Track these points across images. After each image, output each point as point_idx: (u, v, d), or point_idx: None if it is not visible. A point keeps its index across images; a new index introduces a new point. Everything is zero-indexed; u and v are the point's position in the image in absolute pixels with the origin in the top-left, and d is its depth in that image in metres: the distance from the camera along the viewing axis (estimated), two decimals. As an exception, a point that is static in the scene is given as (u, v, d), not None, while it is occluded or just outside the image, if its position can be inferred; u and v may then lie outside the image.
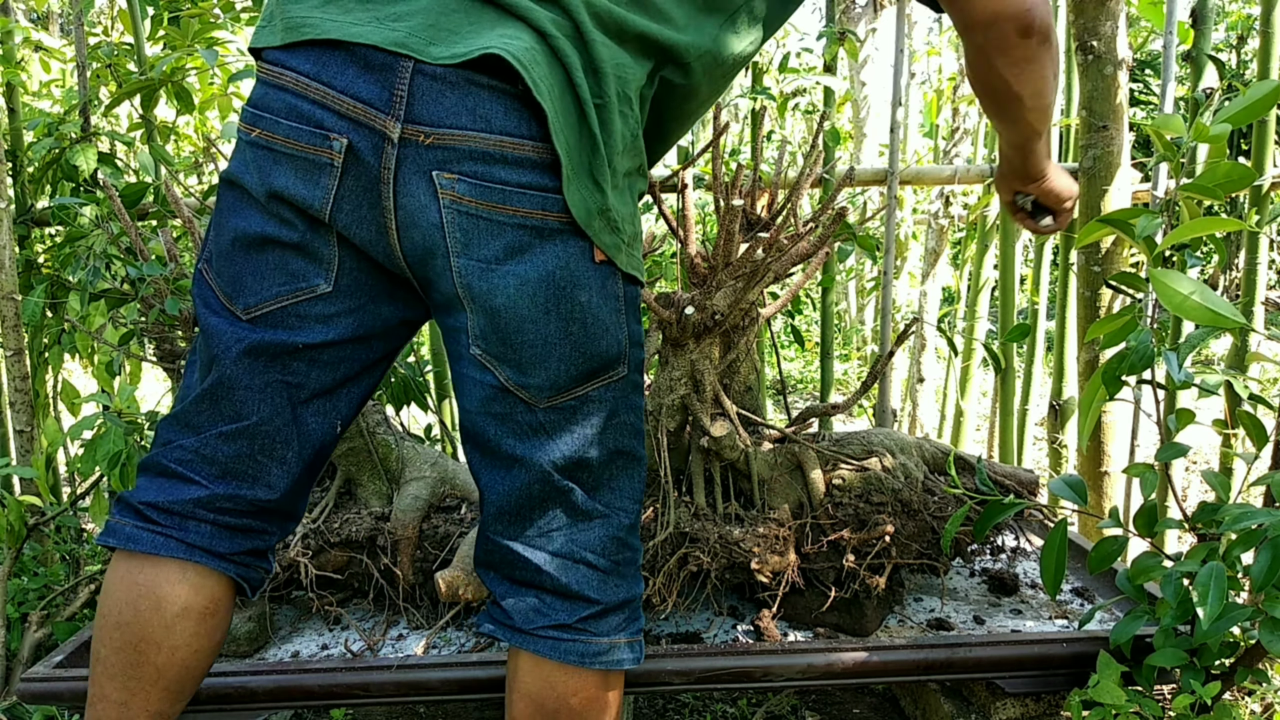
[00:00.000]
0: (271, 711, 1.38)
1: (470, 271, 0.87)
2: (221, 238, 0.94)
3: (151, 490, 0.96)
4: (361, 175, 0.86)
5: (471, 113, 0.82)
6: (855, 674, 1.36)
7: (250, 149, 0.89)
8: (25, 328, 2.12)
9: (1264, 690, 1.67)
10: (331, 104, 0.84)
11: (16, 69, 2.26)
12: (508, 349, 0.90)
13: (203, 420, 0.95)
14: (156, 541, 0.95)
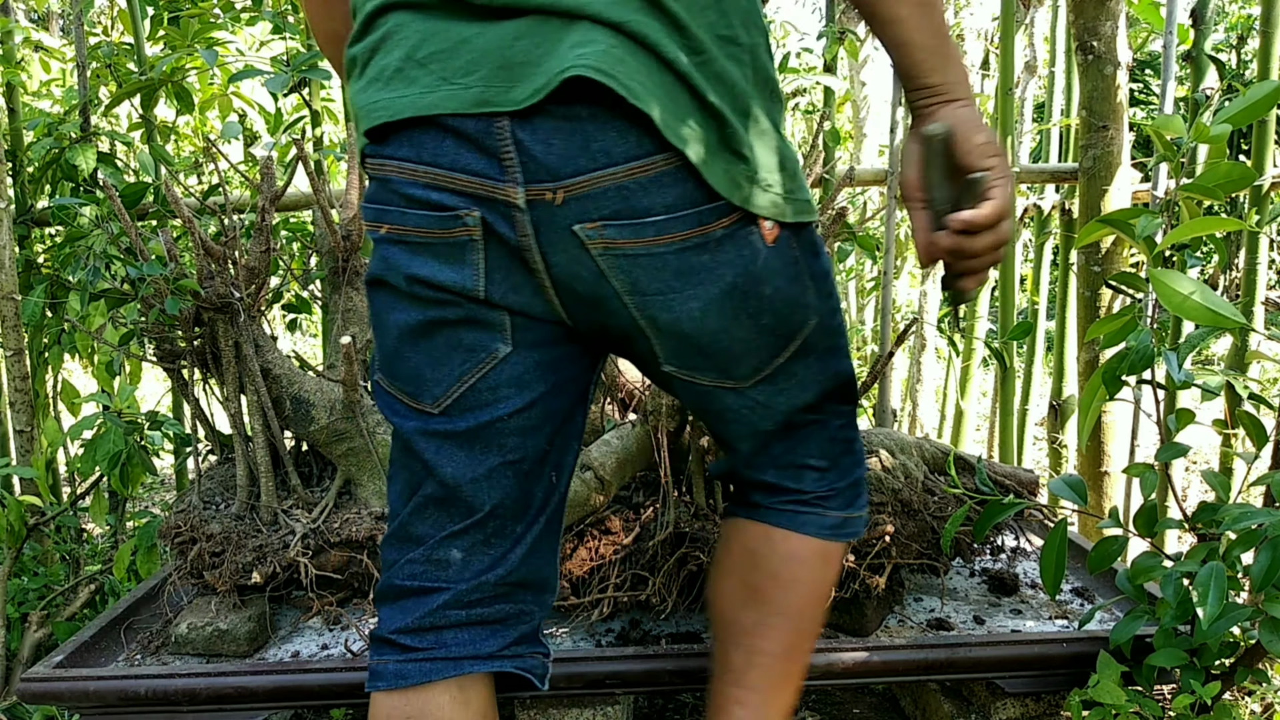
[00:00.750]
0: (271, 711, 1.38)
1: (649, 306, 0.83)
2: (386, 340, 0.88)
3: (397, 615, 0.91)
4: (503, 246, 0.80)
5: (586, 151, 0.75)
6: (855, 674, 1.36)
7: (386, 246, 0.84)
8: (25, 327, 2.12)
9: (1264, 690, 1.67)
10: (445, 184, 0.78)
11: (17, 69, 2.26)
12: (703, 359, 0.88)
13: (427, 529, 0.91)
14: (425, 669, 0.89)
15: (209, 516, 1.51)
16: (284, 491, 1.60)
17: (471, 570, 0.91)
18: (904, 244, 3.70)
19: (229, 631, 1.46)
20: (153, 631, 1.54)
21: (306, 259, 1.98)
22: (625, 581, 1.45)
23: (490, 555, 0.91)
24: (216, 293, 1.46)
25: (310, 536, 1.50)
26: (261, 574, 1.47)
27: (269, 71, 1.95)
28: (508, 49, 0.74)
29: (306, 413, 1.55)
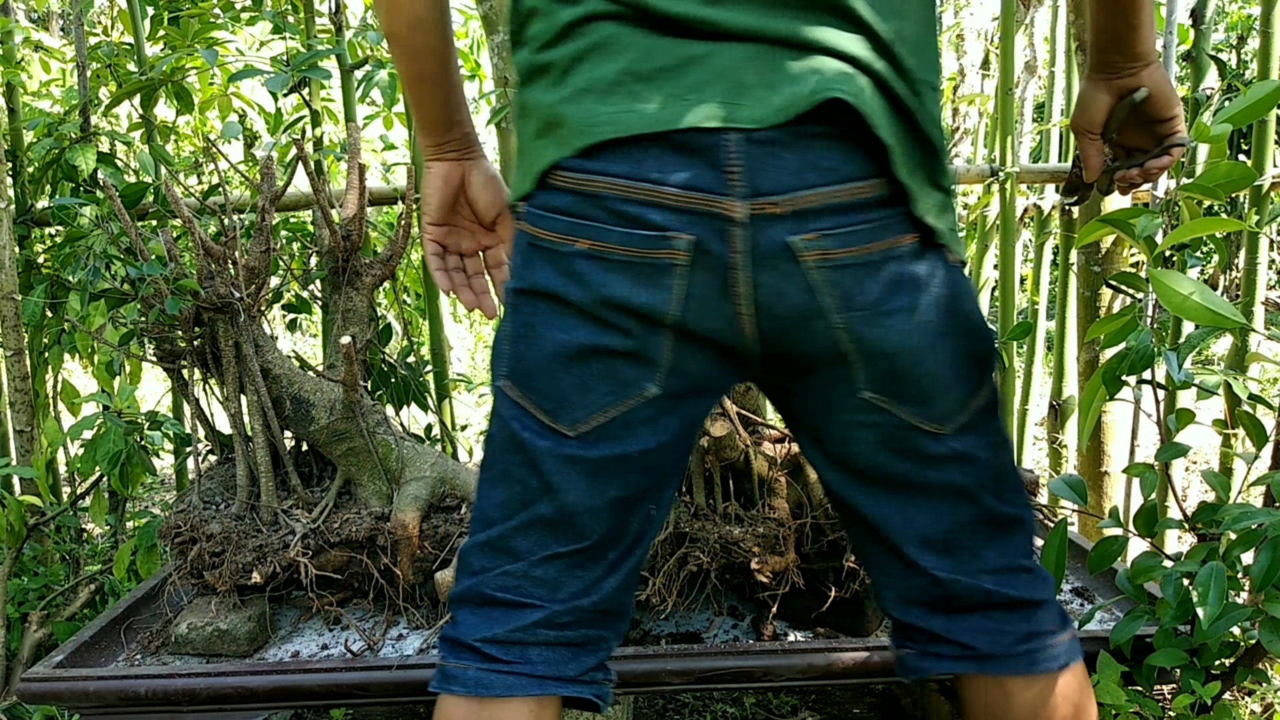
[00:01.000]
0: (271, 711, 1.38)
1: (858, 323, 0.82)
2: (534, 353, 0.86)
3: (483, 624, 0.90)
4: (709, 266, 0.80)
5: (815, 168, 0.77)
6: (855, 674, 1.36)
7: (577, 261, 0.82)
8: (25, 327, 2.13)
9: (1264, 690, 1.67)
10: (662, 201, 0.78)
11: (16, 69, 2.26)
12: (906, 386, 0.85)
13: (530, 545, 0.90)
14: (509, 682, 0.89)
15: (209, 516, 1.52)
16: (284, 491, 1.60)
17: (567, 593, 0.91)
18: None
19: (229, 631, 1.46)
20: (153, 631, 1.54)
21: (306, 259, 1.98)
22: (625, 581, 1.45)
23: (586, 580, 0.91)
24: (216, 293, 1.46)
25: (310, 536, 1.50)
26: (261, 574, 1.47)
27: (269, 71, 1.95)
28: (740, 70, 0.76)
29: (306, 413, 1.55)
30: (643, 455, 0.88)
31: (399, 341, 2.25)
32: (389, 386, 2.03)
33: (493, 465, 0.91)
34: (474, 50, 3.02)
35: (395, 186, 2.33)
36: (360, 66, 2.09)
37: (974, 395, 0.89)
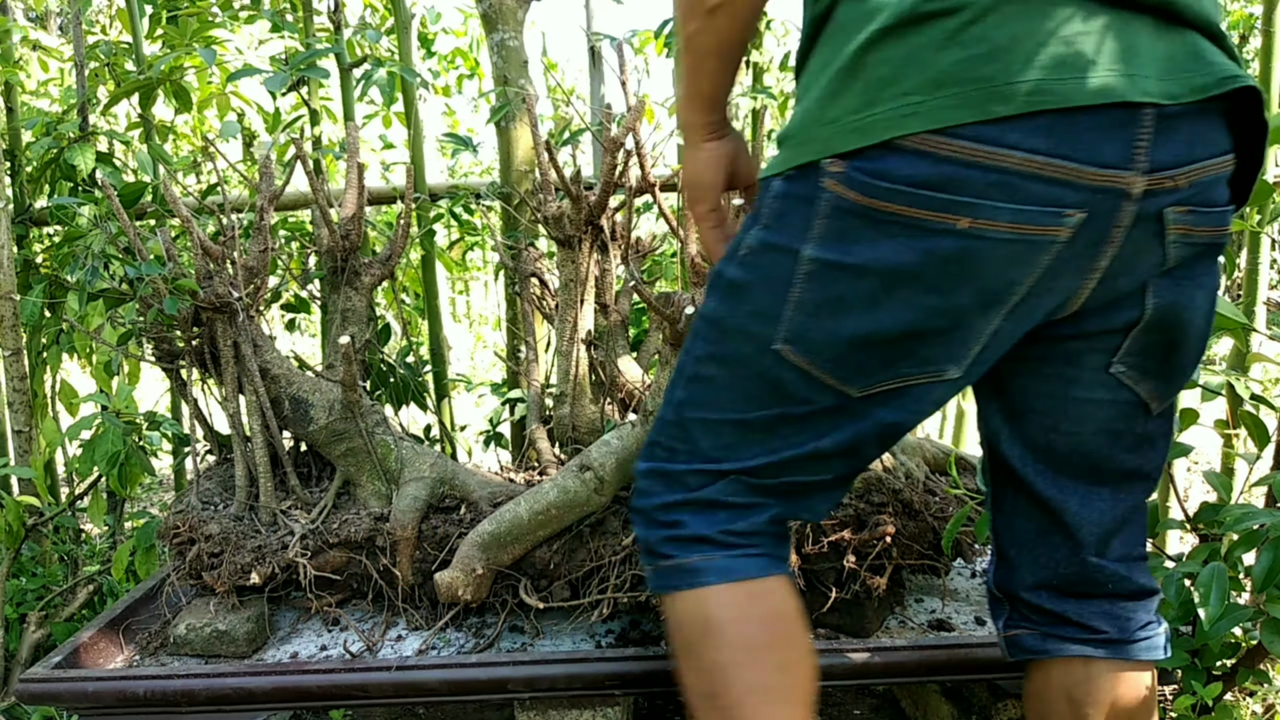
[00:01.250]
0: (270, 712, 1.38)
1: (1172, 292, 0.83)
2: (838, 329, 0.82)
3: (712, 520, 0.93)
4: (1084, 241, 0.77)
5: (1206, 140, 0.76)
6: (856, 675, 1.35)
7: (942, 238, 0.76)
8: (23, 327, 2.12)
9: (1265, 691, 1.67)
10: (1073, 179, 0.73)
11: (15, 68, 2.26)
12: (1165, 363, 0.87)
13: (783, 464, 0.91)
14: (761, 564, 0.91)
15: (207, 517, 1.51)
16: (283, 492, 1.59)
17: (786, 507, 0.95)
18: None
19: (228, 632, 1.46)
20: (151, 632, 1.53)
21: (305, 259, 1.97)
22: (625, 582, 1.45)
23: (804, 497, 0.95)
24: (215, 292, 1.46)
25: (309, 537, 1.50)
26: (260, 575, 1.46)
27: (267, 70, 1.95)
28: (1154, 44, 0.73)
29: (305, 413, 1.55)
30: (907, 423, 0.89)
31: (398, 341, 2.24)
32: (388, 386, 2.02)
33: (723, 409, 0.90)
34: (473, 49, 3.02)
35: (394, 186, 2.32)
36: (359, 65, 2.09)
37: (1188, 377, 0.92)
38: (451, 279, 5.53)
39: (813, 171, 0.79)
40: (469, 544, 1.44)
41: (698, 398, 0.92)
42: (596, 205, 1.63)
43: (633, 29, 2.22)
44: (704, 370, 0.91)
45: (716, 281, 0.90)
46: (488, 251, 3.26)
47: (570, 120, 2.68)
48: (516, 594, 1.49)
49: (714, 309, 0.90)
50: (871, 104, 0.75)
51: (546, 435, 1.77)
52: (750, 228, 0.87)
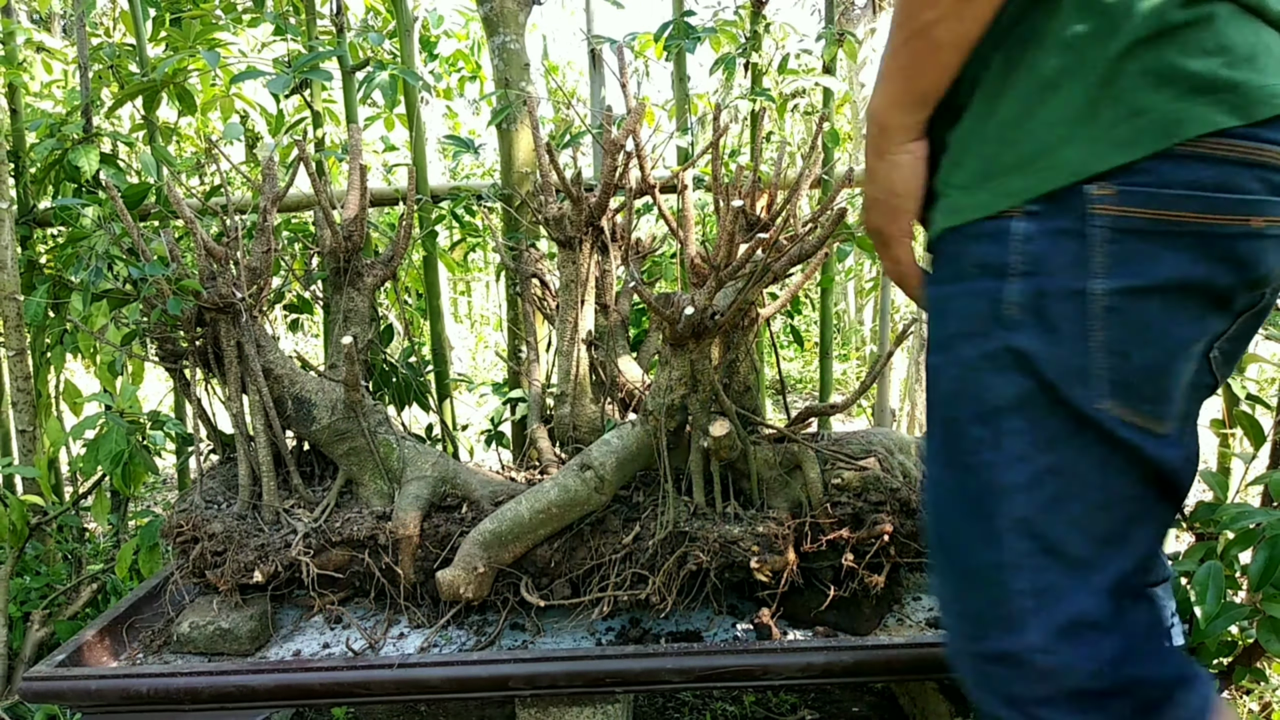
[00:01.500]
0: (273, 710, 1.39)
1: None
2: (1148, 358, 0.75)
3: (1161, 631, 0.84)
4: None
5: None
6: (854, 672, 1.36)
7: (1238, 242, 0.73)
8: (28, 328, 2.13)
9: (1262, 689, 1.67)
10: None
11: (19, 70, 2.27)
12: (1240, 352, 0.84)
13: (1149, 549, 0.82)
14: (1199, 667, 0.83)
15: (211, 516, 1.52)
16: (285, 491, 1.60)
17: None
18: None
19: (231, 630, 1.47)
20: (155, 630, 1.54)
21: (308, 259, 1.98)
22: (625, 580, 1.46)
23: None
24: (218, 293, 1.47)
25: (312, 535, 1.51)
26: (263, 573, 1.47)
27: (271, 73, 1.96)
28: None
29: (308, 412, 1.56)
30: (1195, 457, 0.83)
31: (400, 342, 2.25)
32: (390, 386, 2.03)
33: (1083, 496, 0.78)
34: (475, 52, 3.03)
35: (396, 187, 2.34)
36: (361, 68, 2.10)
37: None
38: (453, 280, 5.53)
39: (1070, 198, 0.73)
40: (470, 542, 1.45)
41: (1046, 500, 0.77)
42: (597, 207, 1.64)
43: (633, 32, 2.23)
44: (1038, 464, 0.77)
45: (994, 361, 0.78)
46: (489, 252, 3.27)
47: (571, 122, 2.69)
48: (518, 592, 1.50)
49: (1017, 390, 0.77)
50: (1135, 115, 0.72)
51: (547, 435, 1.78)
52: (985, 284, 0.77)
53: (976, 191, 0.78)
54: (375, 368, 2.01)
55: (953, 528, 0.83)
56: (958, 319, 0.80)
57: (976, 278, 0.78)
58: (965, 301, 0.79)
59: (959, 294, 0.80)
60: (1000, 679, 0.80)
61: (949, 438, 0.82)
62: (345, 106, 2.18)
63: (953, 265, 0.81)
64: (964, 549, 0.82)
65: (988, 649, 0.80)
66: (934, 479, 0.85)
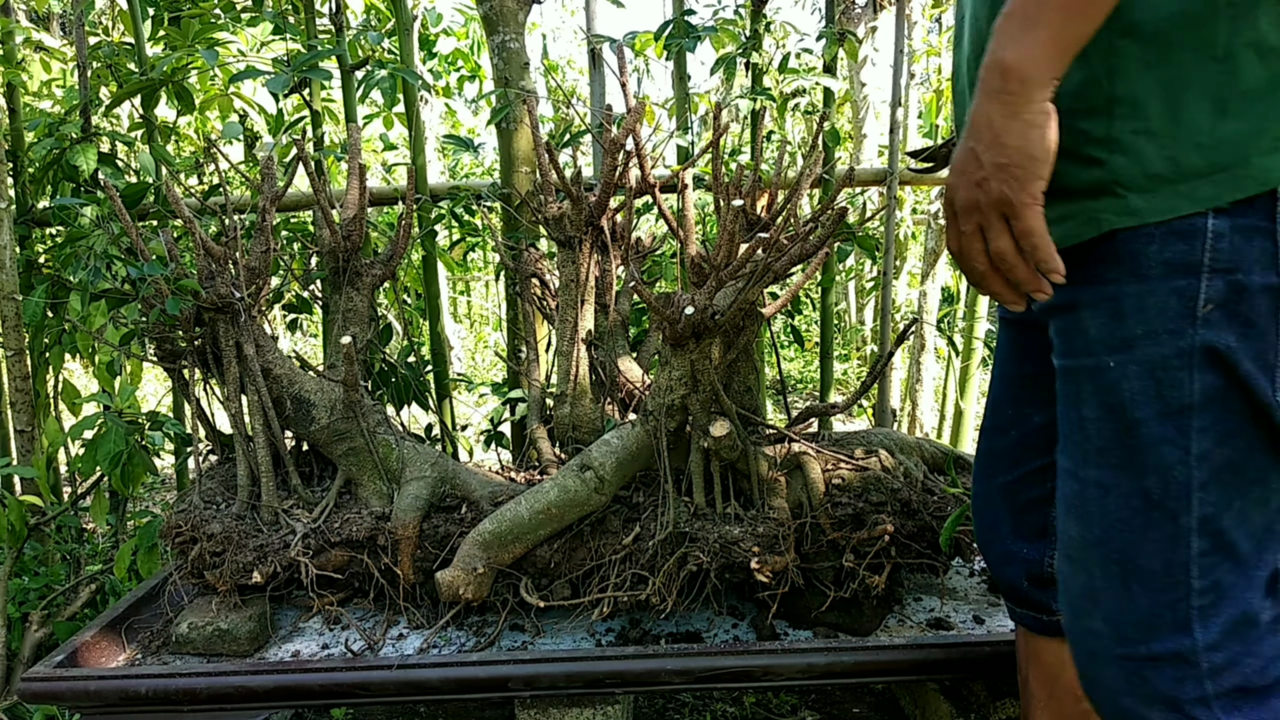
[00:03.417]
0: (272, 711, 1.38)
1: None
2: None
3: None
4: None
5: None
6: (855, 673, 1.36)
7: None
8: (26, 328, 2.13)
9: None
10: None
11: (17, 69, 2.26)
12: None
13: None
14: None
15: (210, 516, 1.52)
16: (284, 491, 1.60)
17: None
18: (904, 244, 3.71)
19: (229, 631, 1.47)
20: (153, 631, 1.54)
21: (307, 259, 1.98)
22: (625, 581, 1.46)
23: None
24: (217, 293, 1.46)
25: (311, 536, 1.50)
26: (262, 573, 1.47)
27: (270, 72, 1.95)
28: None
29: (307, 413, 1.55)
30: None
31: (399, 341, 2.25)
32: (389, 386, 2.03)
33: (1246, 491, 0.80)
34: (474, 51, 3.03)
35: (396, 187, 2.33)
36: (361, 67, 2.10)
37: None
38: (452, 279, 5.53)
39: (1262, 200, 0.75)
40: (470, 543, 1.45)
41: (1222, 497, 0.80)
42: (597, 206, 1.64)
43: (633, 31, 2.22)
44: (1216, 461, 0.79)
45: (1188, 359, 0.78)
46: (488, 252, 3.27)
47: (571, 121, 2.69)
48: (517, 593, 1.50)
49: (1209, 386, 0.78)
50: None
51: (547, 435, 1.78)
52: (1176, 283, 0.78)
53: (1162, 194, 0.77)
54: (374, 367, 2.01)
55: (1124, 528, 0.83)
56: (1141, 317, 0.79)
57: (1164, 276, 0.78)
58: (1152, 300, 0.79)
59: (1142, 293, 0.79)
60: (1162, 680, 0.81)
61: (1128, 439, 0.81)
62: (344, 106, 2.17)
63: (1129, 265, 0.80)
64: (1139, 550, 0.82)
65: (1154, 650, 0.81)
66: (1095, 481, 0.84)
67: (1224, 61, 0.75)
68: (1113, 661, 0.84)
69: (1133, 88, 0.78)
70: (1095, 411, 0.83)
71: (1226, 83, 0.75)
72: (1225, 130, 0.75)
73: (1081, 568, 0.87)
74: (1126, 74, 0.78)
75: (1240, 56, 0.74)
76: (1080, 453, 0.86)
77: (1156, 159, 0.77)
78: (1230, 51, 0.74)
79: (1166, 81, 0.77)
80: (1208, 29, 0.75)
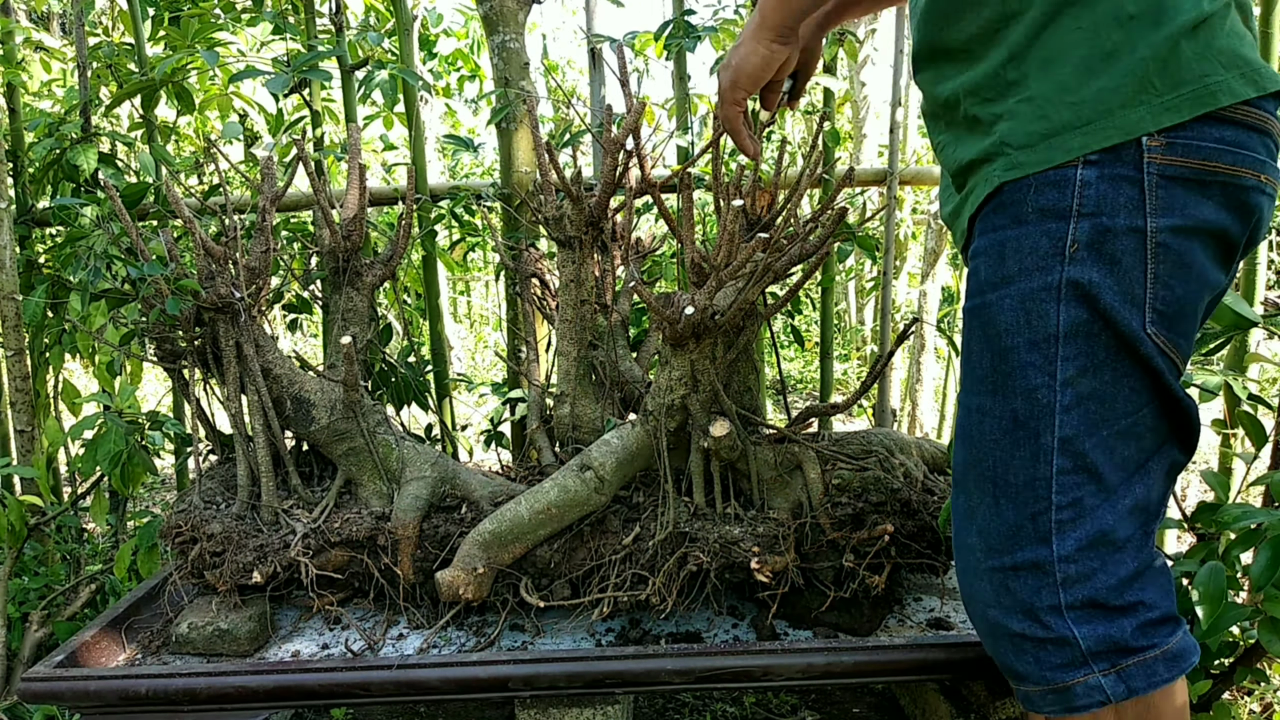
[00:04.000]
0: (272, 711, 1.38)
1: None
2: (1187, 294, 0.87)
3: (1167, 594, 0.92)
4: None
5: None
6: (855, 673, 1.36)
7: (1250, 194, 0.86)
8: (26, 328, 2.13)
9: (1263, 690, 1.67)
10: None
11: (17, 69, 2.26)
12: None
13: (1162, 492, 0.93)
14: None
15: (210, 516, 1.52)
16: (284, 491, 1.60)
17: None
18: (904, 244, 3.71)
19: (229, 631, 1.47)
20: (153, 631, 1.54)
21: (307, 259, 1.98)
22: (625, 581, 1.46)
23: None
24: (217, 293, 1.46)
25: (311, 536, 1.50)
26: (262, 573, 1.47)
27: (269, 72, 1.95)
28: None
29: (307, 413, 1.55)
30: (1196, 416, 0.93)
31: (399, 341, 2.25)
32: (389, 386, 2.03)
33: (1114, 421, 0.87)
34: (474, 51, 3.03)
35: (396, 186, 2.33)
36: (361, 67, 2.10)
37: None
38: (452, 279, 5.53)
39: (1127, 150, 0.84)
40: (470, 543, 1.45)
41: (1085, 422, 0.87)
42: (597, 206, 1.64)
43: (633, 31, 2.22)
44: (1081, 388, 0.87)
45: (1054, 293, 0.86)
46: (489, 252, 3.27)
47: (571, 121, 2.69)
48: (517, 592, 1.50)
49: (1073, 318, 0.86)
50: (1179, 85, 0.84)
51: (547, 435, 1.78)
52: (1047, 226, 0.86)
53: (1038, 148, 0.87)
54: (374, 367, 2.01)
55: (995, 448, 0.91)
56: (1017, 257, 0.88)
57: (1039, 221, 0.87)
58: (1027, 241, 0.87)
59: (1019, 236, 0.88)
60: (1023, 588, 0.89)
61: (1000, 365, 0.90)
62: (344, 106, 2.17)
63: (1011, 211, 0.89)
64: (1007, 467, 0.90)
65: (1017, 559, 0.89)
66: (975, 407, 0.93)
67: (1089, 30, 0.85)
68: (983, 574, 0.92)
69: (1021, 70, 0.89)
70: (979, 344, 0.92)
71: (1092, 48, 0.85)
72: (1091, 88, 0.85)
73: (962, 488, 0.95)
74: (1016, 61, 0.89)
75: (1102, 25, 0.85)
76: (968, 383, 0.94)
77: (1033, 119, 0.87)
78: (1094, 21, 0.85)
79: (1045, 56, 0.88)
80: (1074, 7, 0.86)
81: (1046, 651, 0.89)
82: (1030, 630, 0.89)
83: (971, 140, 0.94)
